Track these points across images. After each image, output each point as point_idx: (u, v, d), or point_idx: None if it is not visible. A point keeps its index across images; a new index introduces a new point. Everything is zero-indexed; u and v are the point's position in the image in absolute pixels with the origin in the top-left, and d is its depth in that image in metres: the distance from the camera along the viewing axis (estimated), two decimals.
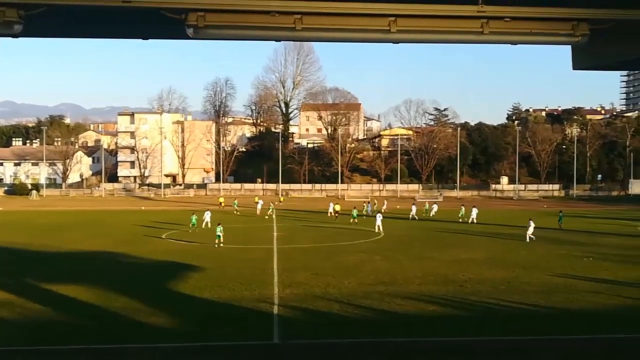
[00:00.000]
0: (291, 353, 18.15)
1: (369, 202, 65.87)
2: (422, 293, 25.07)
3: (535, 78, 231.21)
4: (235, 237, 43.33)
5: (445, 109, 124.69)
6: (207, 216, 49.28)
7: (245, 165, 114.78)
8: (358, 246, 39.51)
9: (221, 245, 38.37)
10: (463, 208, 57.98)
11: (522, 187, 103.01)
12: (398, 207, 70.53)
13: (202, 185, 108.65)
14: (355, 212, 54.40)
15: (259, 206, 63.04)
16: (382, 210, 58.02)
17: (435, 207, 63.31)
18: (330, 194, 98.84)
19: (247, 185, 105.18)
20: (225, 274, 28.99)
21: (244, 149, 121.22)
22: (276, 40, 10.92)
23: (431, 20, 10.42)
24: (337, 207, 60.30)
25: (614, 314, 21.98)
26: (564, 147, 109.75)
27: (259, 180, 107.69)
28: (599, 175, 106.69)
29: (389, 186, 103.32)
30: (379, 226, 46.83)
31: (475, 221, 53.68)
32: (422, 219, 57.64)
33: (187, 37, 10.63)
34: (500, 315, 22.12)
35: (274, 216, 60.08)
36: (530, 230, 42.51)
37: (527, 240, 41.58)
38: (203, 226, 48.00)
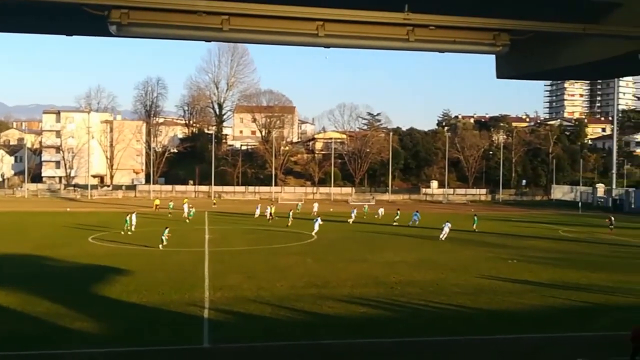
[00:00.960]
0: (221, 357, 17.92)
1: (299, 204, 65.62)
2: (354, 295, 25.29)
3: (464, 85, 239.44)
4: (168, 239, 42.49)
5: (378, 114, 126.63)
6: (133, 218, 47.95)
7: (176, 166, 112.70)
8: (291, 249, 39.47)
9: (160, 247, 37.89)
10: (399, 212, 58.76)
11: (451, 191, 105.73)
12: (331, 210, 70.88)
13: (132, 187, 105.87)
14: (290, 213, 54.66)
15: (185, 208, 61.71)
16: (313, 213, 58.09)
17: (381, 210, 64.09)
18: (264, 197, 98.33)
19: (178, 187, 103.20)
20: (155, 278, 28.33)
21: (175, 150, 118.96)
22: (203, 41, 10.76)
23: (358, 26, 10.54)
24: (273, 210, 60.08)
25: (537, 315, 22.82)
26: (491, 153, 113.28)
27: (191, 182, 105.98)
28: (524, 181, 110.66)
29: (323, 189, 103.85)
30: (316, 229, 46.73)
31: (414, 224, 54.57)
32: (359, 222, 58.05)
33: (111, 34, 10.30)
34: (428, 316, 22.58)
35: (206, 219, 59.19)
36: (445, 230, 45.05)
37: (440, 239, 44.06)
38: (133, 228, 46.76)
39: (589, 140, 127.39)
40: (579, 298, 25.48)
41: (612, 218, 55.60)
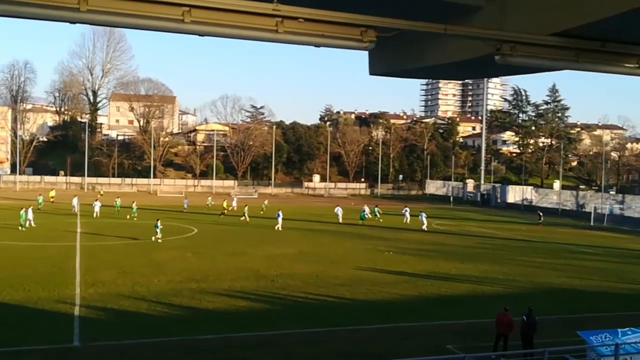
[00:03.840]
0: (91, 356, 17.08)
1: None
2: (234, 289, 25.10)
3: (346, 82, 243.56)
4: (32, 234, 39.94)
5: (261, 107, 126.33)
6: (30, 213, 44.07)
7: (46, 156, 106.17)
8: (170, 243, 38.43)
9: (159, 240, 37.86)
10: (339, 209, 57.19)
11: (332, 185, 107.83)
12: (213, 203, 69.76)
13: None
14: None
15: (74, 202, 57.17)
16: (232, 208, 56.66)
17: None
18: (141, 189, 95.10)
19: (47, 178, 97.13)
20: (19, 274, 26.54)
21: (45, 139, 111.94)
22: (61, 22, 10.08)
23: (226, 14, 10.38)
24: (225, 204, 58.05)
25: (410, 304, 23.83)
26: (370, 148, 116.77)
27: (62, 172, 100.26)
28: (401, 176, 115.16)
29: (204, 182, 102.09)
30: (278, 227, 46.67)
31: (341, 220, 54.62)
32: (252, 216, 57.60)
33: None
34: (308, 308, 22.88)
35: (78, 212, 56.18)
36: (424, 222, 50.84)
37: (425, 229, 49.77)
38: (27, 225, 42.83)
39: (460, 138, 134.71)
40: (449, 288, 26.88)
41: (541, 214, 59.67)
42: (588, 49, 12.67)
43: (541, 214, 60.21)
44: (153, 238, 38.27)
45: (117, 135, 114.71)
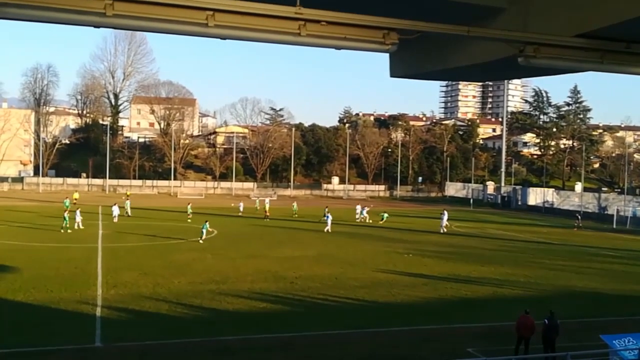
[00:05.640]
0: (113, 356, 17.25)
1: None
2: (254, 291, 25.18)
3: (365, 84, 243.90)
4: (55, 235, 40.42)
5: (280, 109, 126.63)
6: (78, 216, 44.75)
7: (68, 158, 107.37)
8: (190, 244, 38.67)
9: (200, 242, 38.80)
10: (359, 207, 58.88)
11: (351, 187, 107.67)
12: (232, 205, 70.12)
13: (19, 179, 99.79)
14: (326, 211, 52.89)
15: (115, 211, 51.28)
16: (265, 212, 57.00)
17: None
18: (162, 191, 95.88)
19: (70, 180, 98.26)
20: (43, 275, 26.88)
21: (67, 141, 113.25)
22: (87, 26, 10.17)
23: (250, 18, 10.42)
24: (267, 207, 57.93)
25: (430, 307, 23.71)
26: (390, 150, 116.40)
27: (84, 174, 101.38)
28: (420, 178, 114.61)
29: (224, 184, 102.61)
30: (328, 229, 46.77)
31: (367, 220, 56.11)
32: (261, 217, 57.83)
33: None
34: (327, 310, 22.88)
35: (100, 214, 56.70)
36: (444, 222, 50.19)
37: (442, 231, 49.02)
38: (75, 227, 43.46)
39: (481, 140, 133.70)
40: (469, 290, 26.71)
41: (579, 216, 59.38)
42: (613, 50, 12.49)
43: (579, 216, 59.53)
44: (200, 240, 39.18)
45: (138, 137, 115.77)
